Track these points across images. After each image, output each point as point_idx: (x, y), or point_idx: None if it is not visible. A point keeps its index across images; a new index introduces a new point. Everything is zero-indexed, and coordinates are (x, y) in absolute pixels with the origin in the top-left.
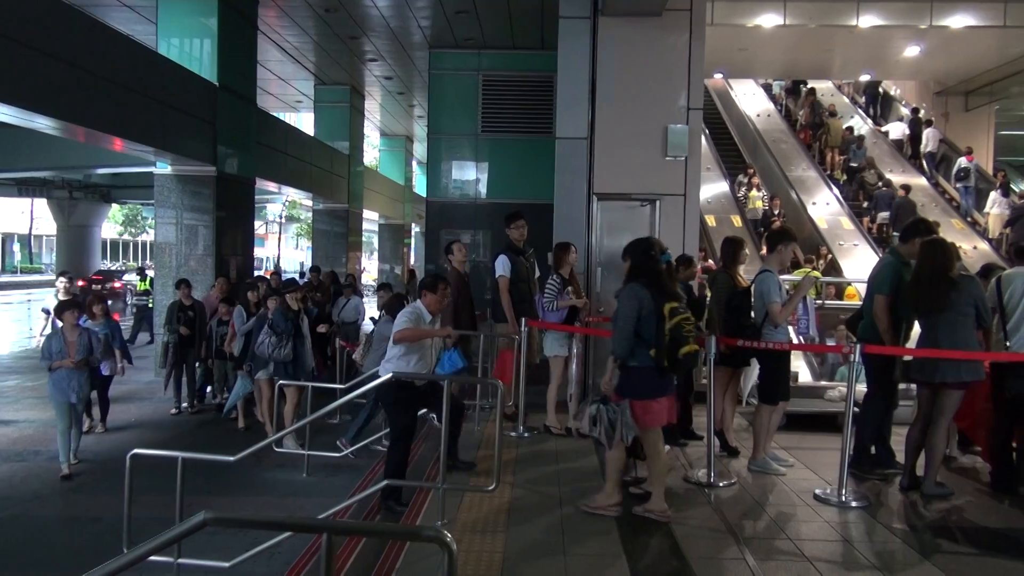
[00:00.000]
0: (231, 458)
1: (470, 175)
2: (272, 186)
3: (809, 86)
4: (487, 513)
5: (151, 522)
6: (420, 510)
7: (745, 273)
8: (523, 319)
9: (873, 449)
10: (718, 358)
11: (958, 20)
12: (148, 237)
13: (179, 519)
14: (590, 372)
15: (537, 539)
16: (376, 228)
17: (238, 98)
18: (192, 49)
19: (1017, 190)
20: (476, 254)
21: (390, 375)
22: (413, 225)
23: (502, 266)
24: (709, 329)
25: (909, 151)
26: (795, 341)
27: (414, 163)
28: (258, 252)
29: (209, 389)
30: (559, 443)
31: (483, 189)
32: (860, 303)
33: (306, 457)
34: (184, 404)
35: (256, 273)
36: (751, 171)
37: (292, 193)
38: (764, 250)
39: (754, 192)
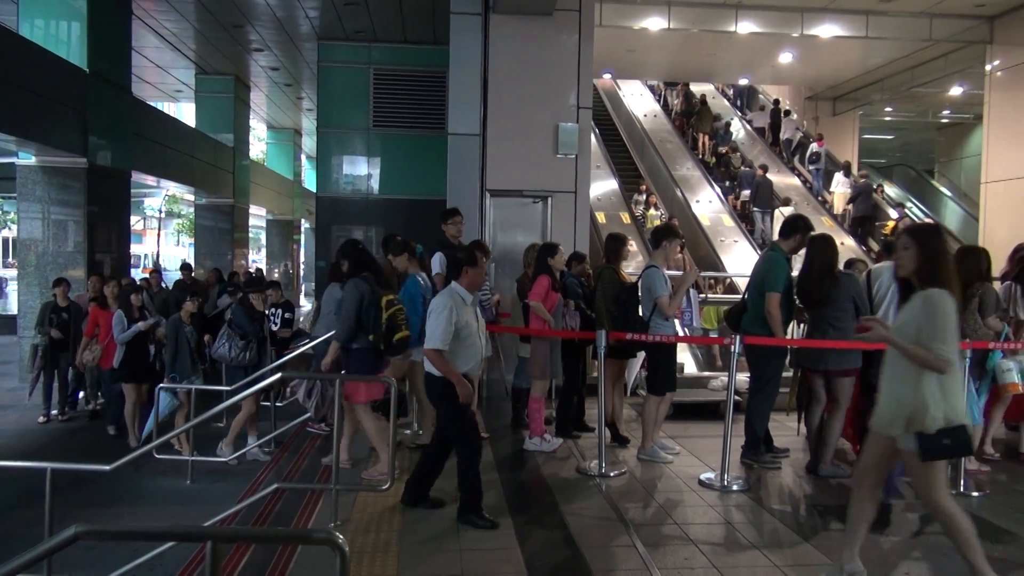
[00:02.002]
0: (107, 467)
1: (362, 170)
2: (150, 179)
3: None
4: (382, 512)
5: (16, 539)
6: (312, 513)
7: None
8: None
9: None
10: (607, 351)
11: (826, 30)
12: (10, 233)
13: (48, 534)
14: (501, 368)
15: (433, 536)
16: (264, 224)
17: (111, 85)
18: (59, 32)
19: (855, 173)
20: (369, 251)
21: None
22: (303, 221)
23: (439, 263)
24: (598, 323)
25: (770, 138)
26: (681, 334)
27: (303, 157)
28: (135, 249)
29: (82, 395)
30: None
31: (375, 185)
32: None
33: (189, 463)
34: (54, 411)
35: (134, 272)
36: (644, 187)
37: (172, 187)
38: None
39: (652, 211)
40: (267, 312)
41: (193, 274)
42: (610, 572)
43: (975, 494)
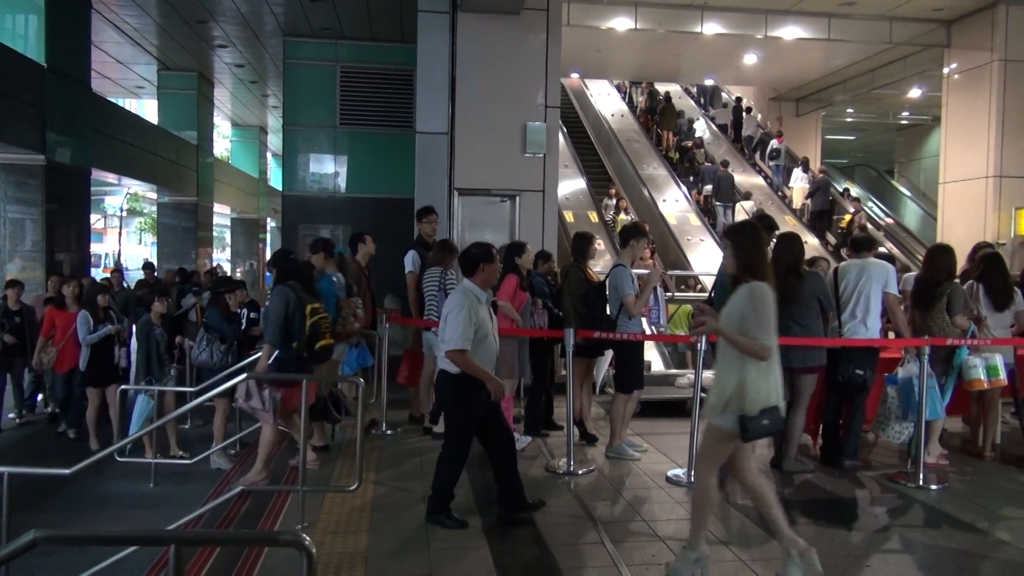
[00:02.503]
0: (66, 471)
1: (328, 168)
2: (111, 177)
3: None
4: (349, 513)
5: None
6: (279, 514)
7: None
8: (383, 316)
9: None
10: (575, 350)
11: (790, 32)
12: None
13: (5, 539)
14: None
15: (401, 536)
16: (228, 223)
17: (70, 81)
18: (15, 26)
19: (814, 169)
20: (336, 249)
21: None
22: (268, 219)
23: (411, 262)
24: (565, 321)
25: (732, 135)
26: (648, 332)
27: (269, 155)
28: (96, 248)
29: (40, 397)
30: (422, 440)
31: (342, 183)
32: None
33: (152, 466)
34: (10, 415)
35: (94, 271)
36: (614, 191)
37: (134, 185)
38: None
39: (622, 216)
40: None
41: (156, 274)
42: (579, 569)
43: (934, 487)
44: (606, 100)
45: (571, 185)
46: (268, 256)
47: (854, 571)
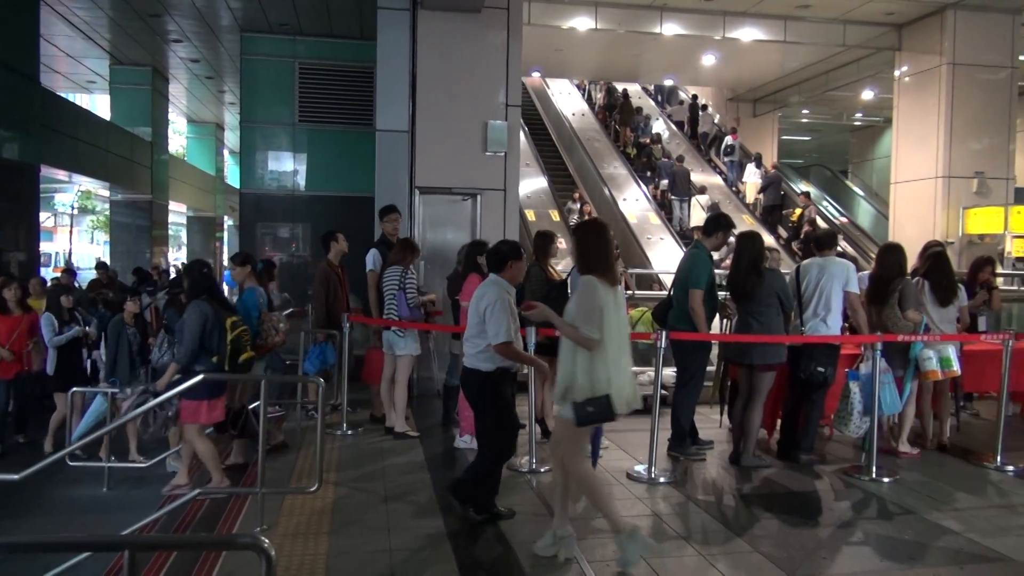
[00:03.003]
0: (16, 476)
1: (287, 166)
2: (61, 174)
3: None
4: (310, 515)
5: None
6: (237, 517)
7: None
8: (344, 315)
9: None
10: (536, 348)
11: (747, 33)
12: None
13: None
14: (432, 367)
15: (362, 537)
16: (184, 221)
17: (16, 75)
18: None
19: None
20: (296, 248)
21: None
22: (225, 218)
23: (372, 260)
24: (527, 320)
25: (688, 131)
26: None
27: (226, 152)
28: (46, 247)
29: None
30: (384, 440)
31: (301, 181)
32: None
33: (106, 470)
34: None
35: (44, 271)
36: (578, 195)
37: (85, 182)
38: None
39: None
40: None
41: (109, 273)
42: (542, 568)
43: (886, 480)
44: (567, 99)
45: (533, 184)
46: (226, 255)
47: (809, 562)
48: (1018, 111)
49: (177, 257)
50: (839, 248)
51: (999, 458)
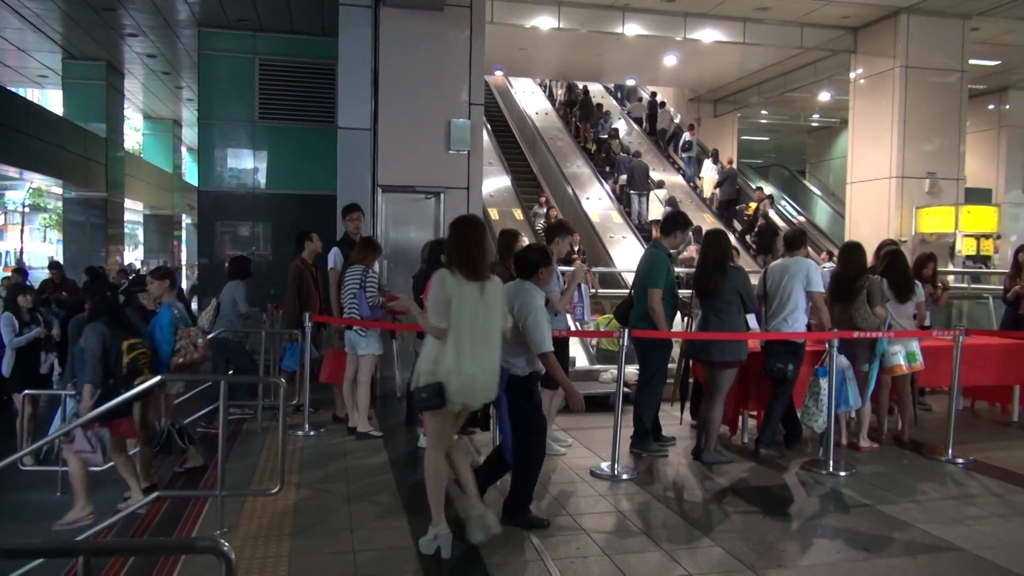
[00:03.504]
0: None
1: (247, 164)
2: (11, 171)
3: None
4: (271, 517)
5: None
6: (196, 520)
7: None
8: (306, 314)
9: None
10: None
11: (707, 34)
12: None
13: None
14: (394, 367)
15: (325, 539)
16: (140, 219)
17: None
18: None
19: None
20: (256, 247)
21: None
22: (183, 216)
23: (333, 259)
24: None
25: (647, 127)
26: (572, 328)
27: (183, 149)
28: None
29: None
30: (346, 441)
31: (262, 179)
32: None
33: (59, 474)
34: None
35: None
36: (544, 199)
37: (37, 179)
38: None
39: None
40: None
41: (64, 273)
42: (505, 565)
43: (843, 473)
44: (530, 98)
45: (496, 183)
46: (184, 254)
47: (769, 555)
48: (968, 114)
49: (140, 257)
50: (807, 248)
51: (950, 451)
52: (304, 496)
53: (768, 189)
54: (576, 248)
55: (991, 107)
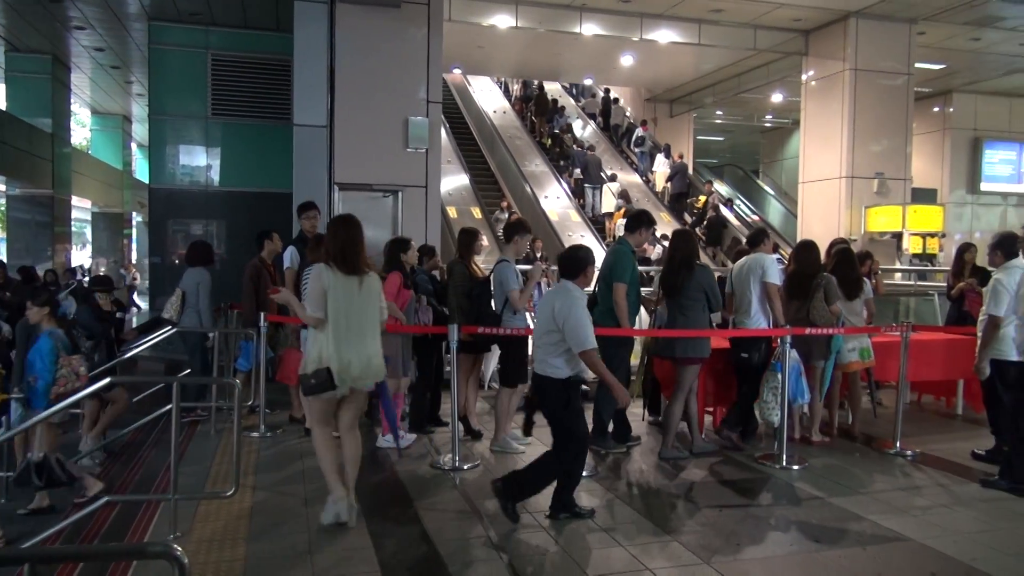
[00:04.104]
0: None
1: (200, 161)
2: None
3: None
4: (226, 521)
5: None
6: (149, 525)
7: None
8: (261, 313)
9: (611, 426)
10: (460, 346)
11: (663, 35)
12: None
13: None
14: None
15: (282, 542)
16: (89, 218)
17: None
18: None
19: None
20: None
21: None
22: (134, 214)
23: (289, 258)
24: (451, 317)
25: (601, 122)
26: (532, 327)
27: (134, 146)
28: None
29: None
30: (303, 441)
31: (215, 176)
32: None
33: (3, 479)
34: None
35: None
36: (506, 204)
37: None
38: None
39: None
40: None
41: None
42: (465, 565)
43: (795, 467)
44: (488, 96)
45: (454, 181)
46: (135, 253)
47: (725, 548)
48: (914, 116)
49: (91, 257)
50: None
51: (898, 444)
52: (260, 498)
53: (723, 189)
54: (540, 255)
55: (936, 109)
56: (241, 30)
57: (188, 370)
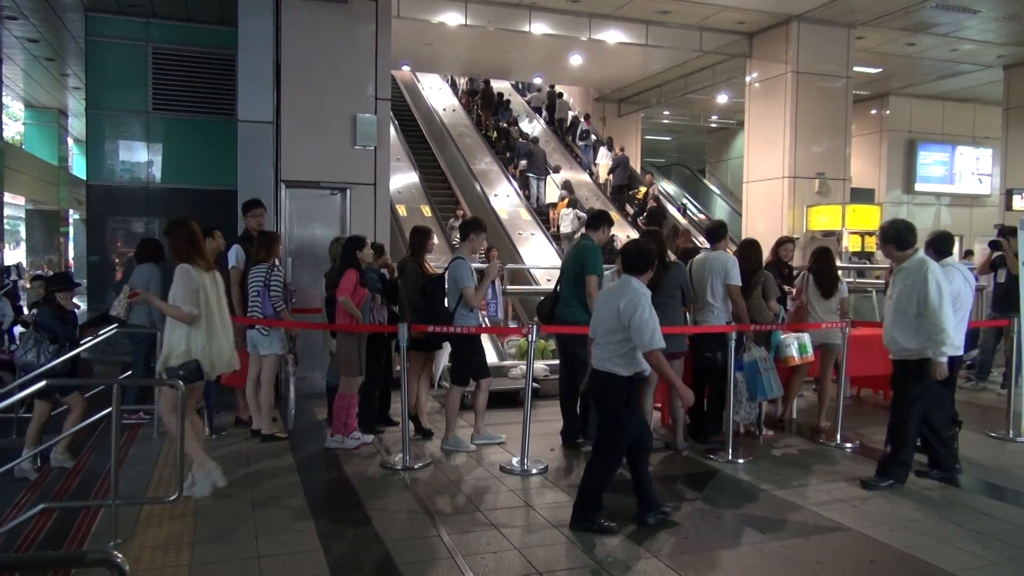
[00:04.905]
0: None
1: (141, 157)
2: None
3: None
4: (170, 526)
5: None
6: (88, 531)
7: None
8: None
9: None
10: (411, 344)
11: (611, 36)
12: None
13: None
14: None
15: (228, 546)
16: (22, 215)
17: None
18: None
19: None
20: None
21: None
22: (71, 211)
23: (234, 257)
24: (401, 316)
25: (547, 117)
26: (485, 324)
27: (70, 141)
28: None
29: None
30: (250, 444)
31: (157, 172)
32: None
33: None
34: None
35: None
36: (461, 212)
37: None
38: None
39: None
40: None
41: None
42: (417, 564)
43: (741, 460)
44: (438, 94)
45: (404, 179)
46: (72, 251)
47: (673, 542)
48: (853, 118)
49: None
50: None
51: (839, 437)
52: (205, 502)
53: (671, 188)
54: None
55: (873, 112)
56: (183, 23)
57: (131, 371)
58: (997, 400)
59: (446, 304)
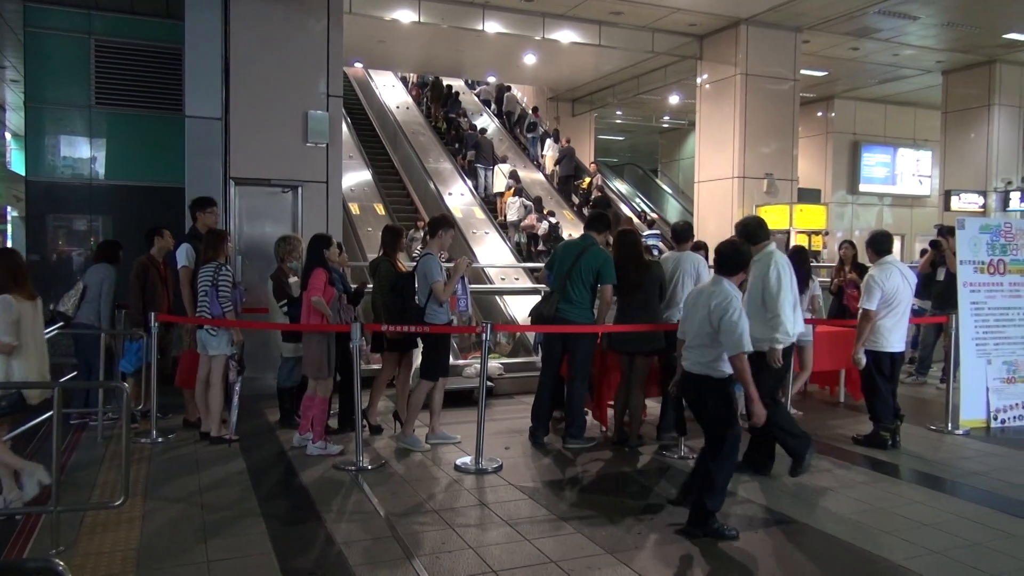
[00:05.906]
0: None
1: (83, 152)
2: None
3: None
4: (115, 532)
5: None
6: (29, 539)
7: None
8: (151, 313)
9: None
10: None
11: (565, 35)
12: None
13: None
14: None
15: (176, 552)
16: None
17: None
18: None
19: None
20: (96, 242)
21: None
22: (9, 208)
23: (184, 256)
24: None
25: (495, 109)
26: (454, 321)
27: (8, 135)
28: None
29: None
30: (199, 446)
31: (100, 169)
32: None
33: None
34: None
35: None
36: (422, 223)
37: None
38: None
39: None
40: None
41: None
42: (370, 565)
43: (692, 456)
44: (391, 92)
45: (357, 177)
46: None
47: (627, 538)
48: (800, 120)
49: None
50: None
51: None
52: (152, 507)
53: (624, 188)
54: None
55: (819, 114)
56: (127, 15)
57: (75, 372)
58: (937, 394)
59: (416, 300)
